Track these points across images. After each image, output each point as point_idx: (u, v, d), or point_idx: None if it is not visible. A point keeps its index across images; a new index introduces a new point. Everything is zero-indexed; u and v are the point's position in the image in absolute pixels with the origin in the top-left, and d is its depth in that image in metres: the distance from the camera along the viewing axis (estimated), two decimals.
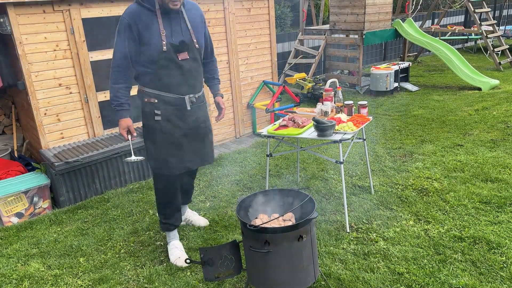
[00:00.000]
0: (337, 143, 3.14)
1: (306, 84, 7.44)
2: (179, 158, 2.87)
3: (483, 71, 8.59)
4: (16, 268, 3.11)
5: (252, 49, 5.66)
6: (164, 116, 2.79)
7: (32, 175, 4.10)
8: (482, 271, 2.73)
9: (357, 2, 7.55)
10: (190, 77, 2.79)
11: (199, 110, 2.92)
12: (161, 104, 2.77)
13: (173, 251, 3.09)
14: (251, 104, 5.77)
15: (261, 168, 4.63)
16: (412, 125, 5.74)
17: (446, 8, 10.60)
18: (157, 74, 2.71)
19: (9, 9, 3.77)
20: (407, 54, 9.98)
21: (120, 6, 4.43)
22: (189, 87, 2.80)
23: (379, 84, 7.48)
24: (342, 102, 3.75)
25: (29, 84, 4.02)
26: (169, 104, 2.78)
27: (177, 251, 3.08)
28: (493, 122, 5.60)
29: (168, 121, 2.80)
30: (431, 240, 3.10)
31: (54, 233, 3.57)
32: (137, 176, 4.43)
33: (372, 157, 4.71)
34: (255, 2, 5.53)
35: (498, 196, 3.65)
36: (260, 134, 3.40)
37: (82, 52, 4.27)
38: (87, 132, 4.51)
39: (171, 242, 3.14)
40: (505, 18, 13.68)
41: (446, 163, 4.39)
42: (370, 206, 3.64)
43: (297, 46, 8.59)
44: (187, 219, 3.51)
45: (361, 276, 2.75)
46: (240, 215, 2.43)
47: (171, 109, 2.79)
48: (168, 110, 2.79)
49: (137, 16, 2.63)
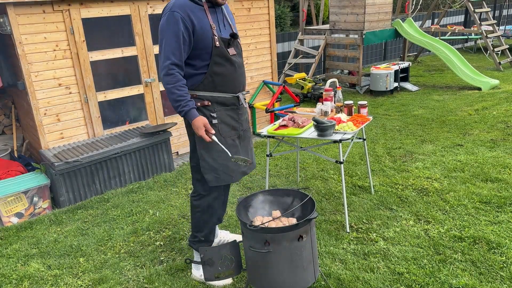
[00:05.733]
0: (337, 143, 3.14)
1: (306, 84, 7.44)
2: (237, 164, 2.63)
3: (483, 71, 8.59)
4: (16, 268, 3.11)
5: (252, 49, 5.66)
6: (220, 118, 2.57)
7: (32, 175, 4.10)
8: (482, 271, 2.73)
9: (357, 2, 7.55)
10: (241, 73, 2.63)
11: (246, 110, 2.77)
12: (216, 106, 2.56)
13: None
14: (251, 104, 5.77)
15: (261, 168, 4.63)
16: (412, 125, 5.74)
17: (446, 8, 10.60)
18: (210, 73, 2.50)
19: (9, 9, 3.77)
20: (407, 54, 9.98)
21: (120, 6, 4.43)
22: (241, 84, 2.65)
23: (379, 84, 7.48)
24: (342, 102, 3.74)
25: (29, 84, 4.02)
26: (224, 105, 2.58)
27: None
28: (493, 122, 5.60)
29: (224, 123, 2.59)
30: (431, 240, 3.10)
31: (54, 233, 3.57)
32: (137, 176, 4.43)
33: (372, 157, 4.71)
34: (255, 2, 5.53)
35: (498, 196, 3.65)
36: (260, 134, 3.39)
37: (82, 52, 4.27)
38: (87, 132, 4.51)
39: None
40: (505, 18, 13.68)
41: (446, 163, 4.39)
42: (370, 206, 3.64)
43: (297, 46, 8.59)
44: (221, 241, 3.16)
45: (361, 276, 2.75)
46: (240, 215, 2.43)
47: (225, 110, 2.59)
48: (224, 112, 2.59)
49: (189, 9, 2.42)
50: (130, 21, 4.56)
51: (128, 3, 4.48)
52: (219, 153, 2.56)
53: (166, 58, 2.41)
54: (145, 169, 4.47)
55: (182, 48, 2.41)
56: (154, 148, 4.47)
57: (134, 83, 4.71)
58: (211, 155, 2.58)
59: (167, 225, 3.55)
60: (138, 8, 4.56)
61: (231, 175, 2.64)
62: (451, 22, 12.58)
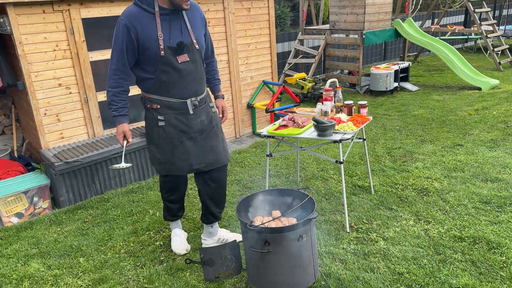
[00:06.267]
0: (337, 143, 3.14)
1: (306, 84, 7.44)
2: (186, 161, 2.83)
3: (483, 71, 8.59)
4: (16, 268, 3.11)
5: (252, 49, 5.66)
6: (167, 121, 2.75)
7: (32, 175, 4.10)
8: (482, 271, 2.73)
9: (357, 2, 7.55)
10: (191, 80, 2.73)
11: (203, 112, 2.85)
12: (164, 109, 2.73)
13: (174, 239, 3.23)
14: (251, 104, 5.77)
15: (261, 168, 4.63)
16: (412, 125, 5.74)
17: (446, 8, 10.60)
18: (157, 79, 2.65)
19: (9, 9, 3.77)
20: (407, 54, 9.98)
21: (120, 6, 4.43)
22: (190, 90, 2.74)
23: (379, 84, 7.48)
24: (342, 102, 3.74)
25: (29, 84, 4.02)
26: (171, 109, 2.74)
27: (177, 238, 3.22)
28: (493, 122, 5.60)
29: (171, 126, 2.76)
30: (431, 240, 3.10)
31: (54, 233, 3.57)
32: (137, 176, 4.43)
33: (372, 157, 4.71)
34: (255, 2, 5.53)
35: (498, 196, 3.65)
36: (260, 134, 3.40)
37: (82, 52, 4.27)
38: (87, 132, 4.51)
39: (173, 230, 3.29)
40: (505, 18, 13.68)
41: (446, 163, 4.39)
42: (370, 206, 3.64)
43: (297, 46, 8.59)
44: (222, 239, 3.19)
45: (361, 276, 2.75)
46: (240, 215, 2.43)
47: (174, 114, 2.75)
48: (171, 115, 2.74)
49: (135, 18, 2.55)
50: None
51: (128, 3, 4.48)
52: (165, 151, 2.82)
53: (111, 63, 2.67)
54: (145, 169, 4.47)
55: (126, 55, 2.61)
56: None
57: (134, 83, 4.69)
58: (158, 151, 2.85)
59: (167, 225, 3.55)
60: None
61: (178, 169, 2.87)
62: (451, 22, 12.57)
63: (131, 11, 2.58)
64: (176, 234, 3.25)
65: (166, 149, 2.81)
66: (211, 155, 2.89)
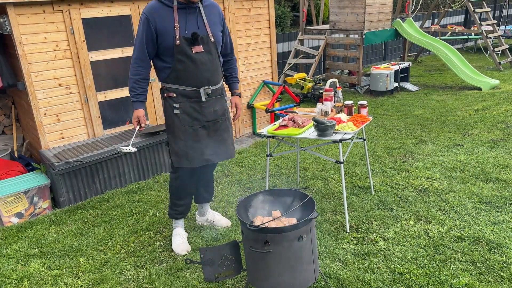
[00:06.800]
0: (337, 143, 3.14)
1: (306, 84, 7.44)
2: (199, 151, 2.96)
3: (483, 71, 8.59)
4: (16, 268, 3.11)
5: (252, 49, 5.66)
6: (182, 109, 2.89)
7: (32, 175, 4.10)
8: (482, 271, 2.73)
9: (357, 2, 7.55)
10: (205, 70, 2.86)
11: (217, 103, 2.99)
12: (180, 97, 2.88)
13: (175, 238, 3.25)
14: (251, 104, 5.77)
15: (261, 168, 4.63)
16: (412, 125, 5.74)
17: (446, 8, 10.60)
18: (174, 69, 2.82)
19: (9, 9, 3.77)
20: (407, 54, 9.98)
21: (120, 6, 4.43)
22: (203, 79, 2.88)
23: (379, 84, 7.48)
24: (342, 102, 3.74)
25: (29, 84, 4.02)
26: (186, 97, 2.88)
27: (179, 238, 3.24)
28: (493, 122, 5.60)
29: (186, 113, 2.90)
30: (431, 240, 3.10)
31: (54, 233, 3.57)
32: (137, 176, 4.43)
33: (372, 157, 4.71)
34: (255, 2, 5.53)
35: (498, 196, 3.65)
36: (260, 134, 3.40)
37: (82, 52, 4.27)
38: (87, 132, 4.51)
39: (175, 229, 3.31)
40: (505, 18, 13.68)
41: (446, 163, 4.39)
42: (370, 206, 3.64)
43: (297, 46, 8.59)
44: (209, 220, 3.51)
45: (361, 276, 2.75)
46: (240, 215, 2.43)
47: (188, 102, 2.89)
48: (186, 103, 2.89)
49: (155, 11, 2.76)
50: (130, 21, 4.57)
51: (128, 3, 4.49)
52: (181, 140, 2.93)
53: (134, 53, 2.86)
54: (145, 169, 4.47)
55: (145, 46, 2.80)
56: (154, 148, 4.47)
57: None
58: (174, 141, 2.96)
59: (167, 225, 3.55)
60: (138, 8, 4.57)
61: (190, 161, 2.95)
62: (451, 22, 12.58)
63: (153, 5, 2.79)
64: (177, 234, 3.27)
65: (181, 138, 2.94)
66: (222, 147, 3.05)
